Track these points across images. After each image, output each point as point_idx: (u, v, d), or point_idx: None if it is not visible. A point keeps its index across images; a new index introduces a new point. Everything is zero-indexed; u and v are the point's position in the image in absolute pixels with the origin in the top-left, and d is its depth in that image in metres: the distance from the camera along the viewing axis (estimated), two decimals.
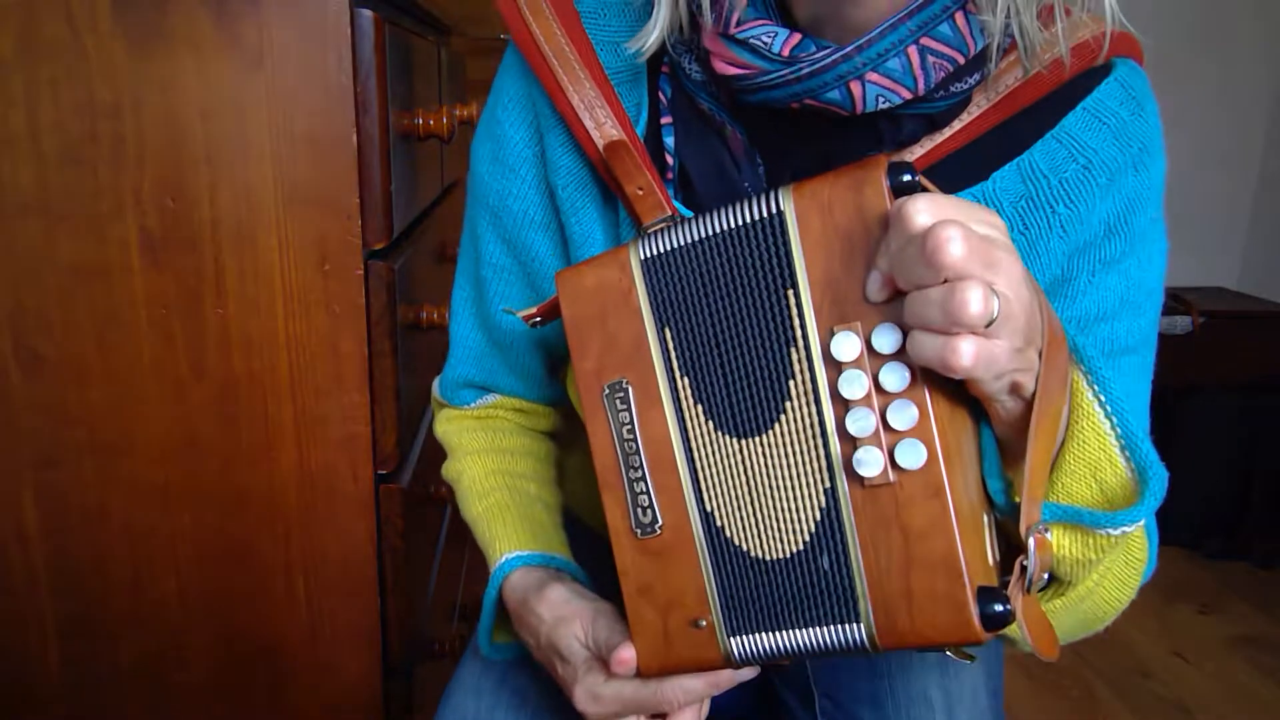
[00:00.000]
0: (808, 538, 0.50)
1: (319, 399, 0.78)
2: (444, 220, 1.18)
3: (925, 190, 0.46)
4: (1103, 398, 0.52)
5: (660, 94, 0.64)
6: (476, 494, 0.73)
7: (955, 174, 0.59)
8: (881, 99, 0.54)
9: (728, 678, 0.56)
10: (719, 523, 0.52)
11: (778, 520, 0.51)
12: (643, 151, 0.61)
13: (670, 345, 0.52)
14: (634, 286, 0.53)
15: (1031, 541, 0.48)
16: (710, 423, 0.52)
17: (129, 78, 0.71)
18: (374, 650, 0.84)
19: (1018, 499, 0.49)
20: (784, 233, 0.48)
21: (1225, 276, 2.80)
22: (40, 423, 0.77)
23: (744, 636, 0.53)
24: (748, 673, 0.57)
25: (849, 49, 0.53)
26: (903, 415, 0.46)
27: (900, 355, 0.46)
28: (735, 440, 0.51)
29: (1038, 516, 0.49)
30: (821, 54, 0.54)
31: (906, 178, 0.46)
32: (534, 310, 0.59)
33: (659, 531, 0.54)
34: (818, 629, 0.51)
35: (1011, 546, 0.54)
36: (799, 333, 0.49)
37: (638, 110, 0.63)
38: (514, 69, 0.68)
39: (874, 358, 0.47)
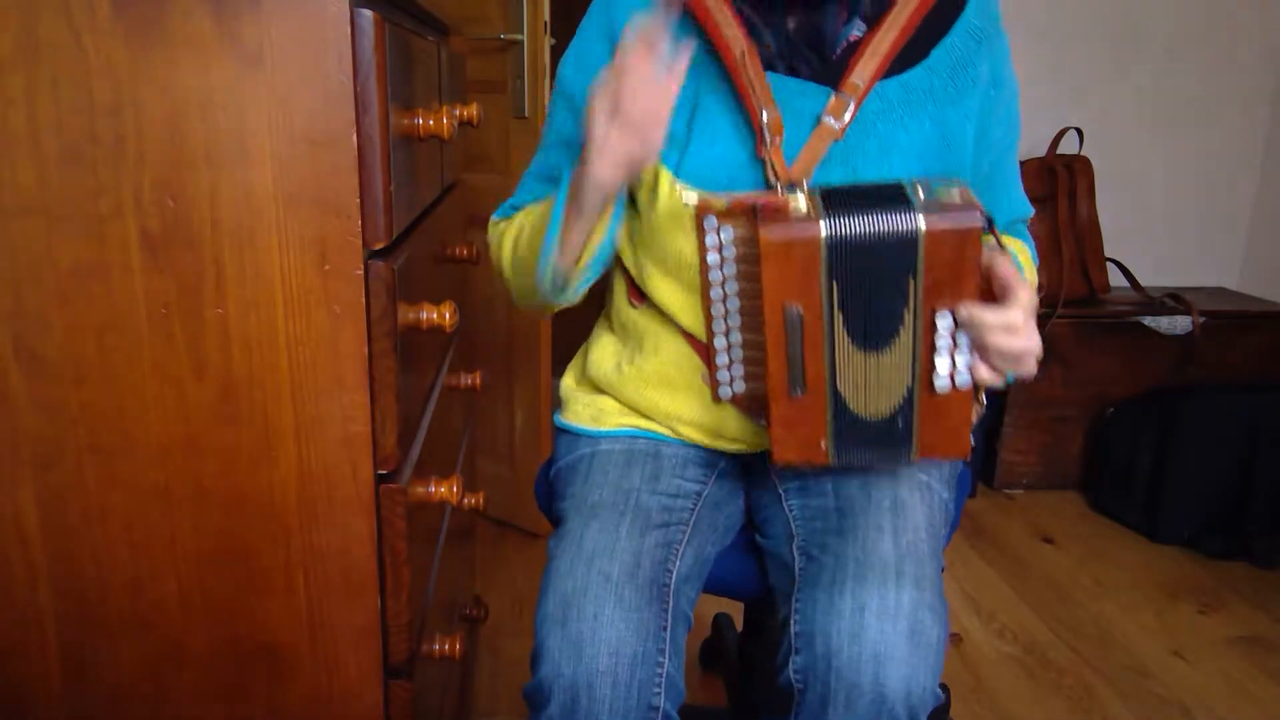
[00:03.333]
0: (892, 410, 0.89)
1: (319, 399, 0.78)
2: (444, 220, 1.18)
3: (994, 234, 0.85)
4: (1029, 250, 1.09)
5: None
6: (525, 224, 1.06)
7: (907, 56, 0.96)
8: None
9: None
10: (843, 395, 0.88)
11: (877, 397, 0.88)
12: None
13: (835, 292, 0.84)
14: (819, 255, 0.83)
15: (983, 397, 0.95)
16: (850, 340, 0.86)
17: (129, 78, 0.71)
18: (374, 650, 0.84)
19: None
20: (915, 248, 0.82)
21: (1225, 276, 2.80)
22: (40, 423, 0.77)
23: (842, 453, 0.91)
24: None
25: None
26: (965, 361, 0.87)
27: (966, 334, 0.85)
28: (861, 351, 0.87)
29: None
30: None
31: (988, 231, 0.82)
32: (702, 202, 0.89)
33: (804, 393, 0.88)
34: (886, 450, 0.91)
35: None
36: (912, 302, 0.84)
37: None
38: (598, 4, 1.02)
39: (954, 329, 0.85)
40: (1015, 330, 0.83)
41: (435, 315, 0.91)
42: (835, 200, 0.85)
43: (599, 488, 1.00)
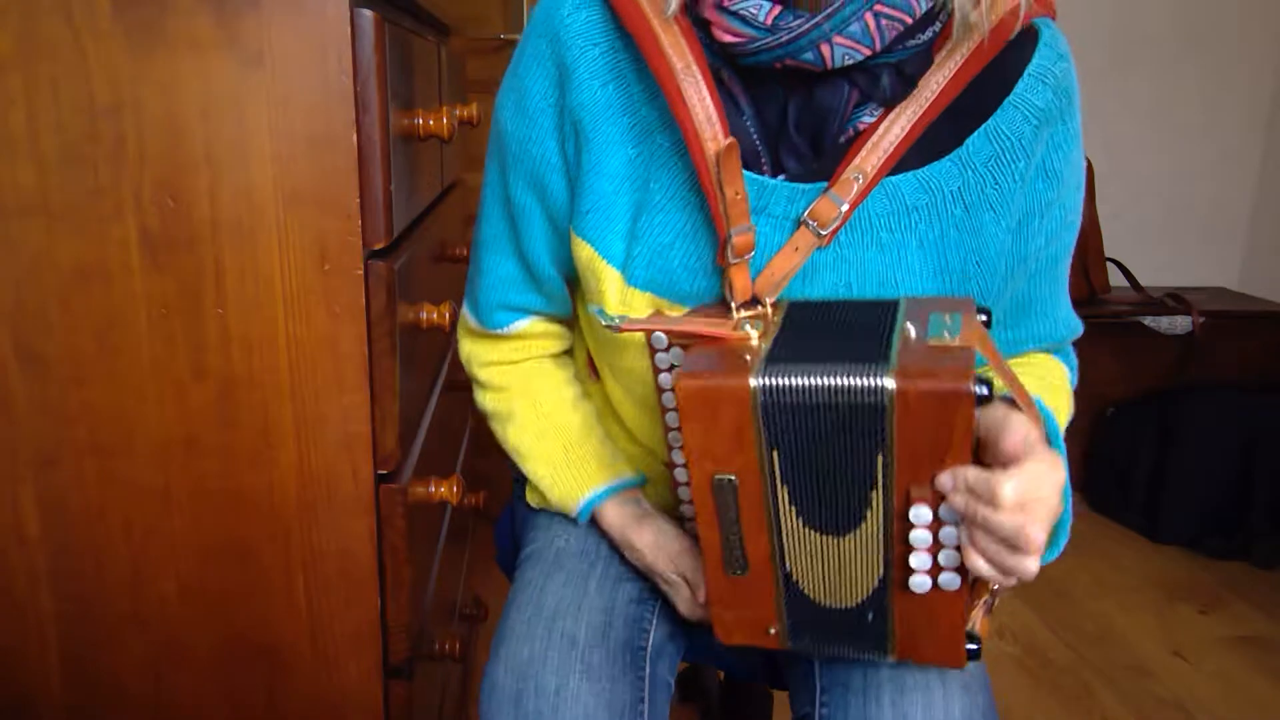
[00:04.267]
0: (860, 601, 0.69)
1: (319, 399, 0.78)
2: (444, 220, 1.18)
3: (995, 397, 0.65)
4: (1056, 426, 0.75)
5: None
6: (534, 433, 0.89)
7: (932, 145, 0.73)
8: (847, 56, 0.68)
9: None
10: (794, 578, 0.70)
11: (838, 587, 0.69)
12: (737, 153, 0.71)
13: (775, 463, 0.65)
14: (753, 415, 0.64)
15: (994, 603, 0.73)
16: (800, 519, 0.67)
17: (129, 78, 0.71)
18: (374, 650, 0.84)
19: None
20: (881, 417, 0.62)
21: (1225, 276, 2.80)
22: (40, 423, 0.77)
23: (800, 641, 0.73)
24: None
25: (819, 18, 0.67)
26: (950, 558, 0.65)
27: (952, 524, 0.64)
28: (816, 534, 0.67)
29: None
30: (797, 23, 0.67)
31: (985, 392, 0.60)
32: (626, 327, 0.72)
33: (745, 574, 0.70)
34: (856, 651, 0.72)
35: None
36: (880, 482, 0.64)
37: None
38: (538, 29, 0.78)
39: (935, 520, 0.64)
40: (1007, 508, 0.60)
41: (435, 315, 0.91)
42: (794, 330, 0.68)
43: (565, 533, 0.87)
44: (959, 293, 0.76)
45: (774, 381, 0.63)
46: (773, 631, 0.73)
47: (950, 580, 0.66)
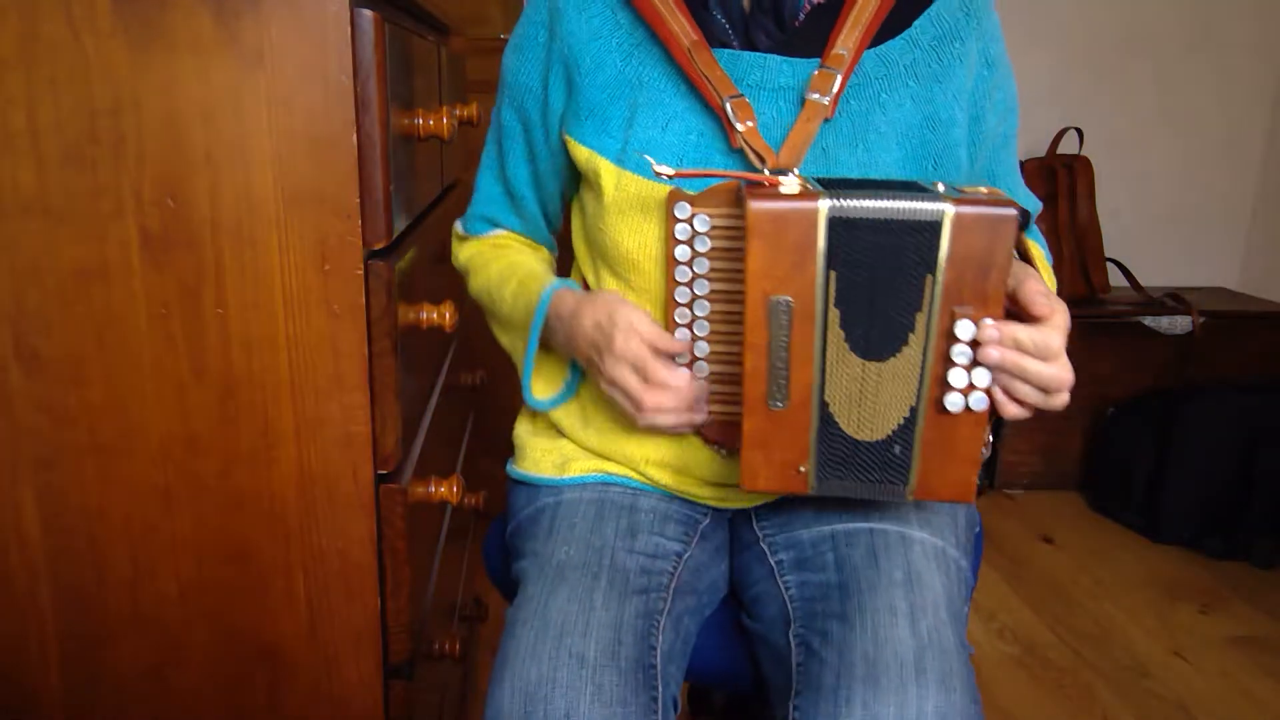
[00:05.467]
0: (889, 433, 0.75)
1: (319, 399, 0.78)
2: (444, 220, 1.18)
3: (1028, 226, 0.82)
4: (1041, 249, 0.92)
5: None
6: (501, 279, 0.97)
7: (884, 28, 0.85)
8: None
9: (697, 392, 0.82)
10: (831, 409, 0.75)
11: (872, 417, 0.75)
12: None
13: (832, 284, 0.71)
14: (817, 233, 0.70)
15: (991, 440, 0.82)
16: (846, 343, 0.73)
17: (129, 78, 0.71)
18: (374, 650, 0.84)
19: None
20: (937, 236, 0.70)
21: (1225, 276, 2.80)
22: (40, 423, 0.77)
23: (826, 482, 0.78)
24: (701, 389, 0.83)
25: None
26: (982, 377, 0.72)
27: (985, 345, 0.71)
28: (859, 360, 0.73)
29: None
30: None
31: (1023, 220, 0.72)
32: (673, 172, 0.78)
33: (785, 405, 0.74)
34: (879, 482, 0.77)
35: None
36: (927, 304, 0.71)
37: None
38: None
39: (974, 340, 0.72)
40: (1053, 356, 0.71)
41: (435, 315, 0.91)
42: (835, 185, 0.74)
43: (565, 544, 0.84)
44: (921, 158, 0.86)
45: (841, 203, 0.70)
46: (802, 469, 0.77)
47: (979, 400, 0.73)
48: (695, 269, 0.81)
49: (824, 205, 0.70)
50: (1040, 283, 0.75)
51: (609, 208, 0.87)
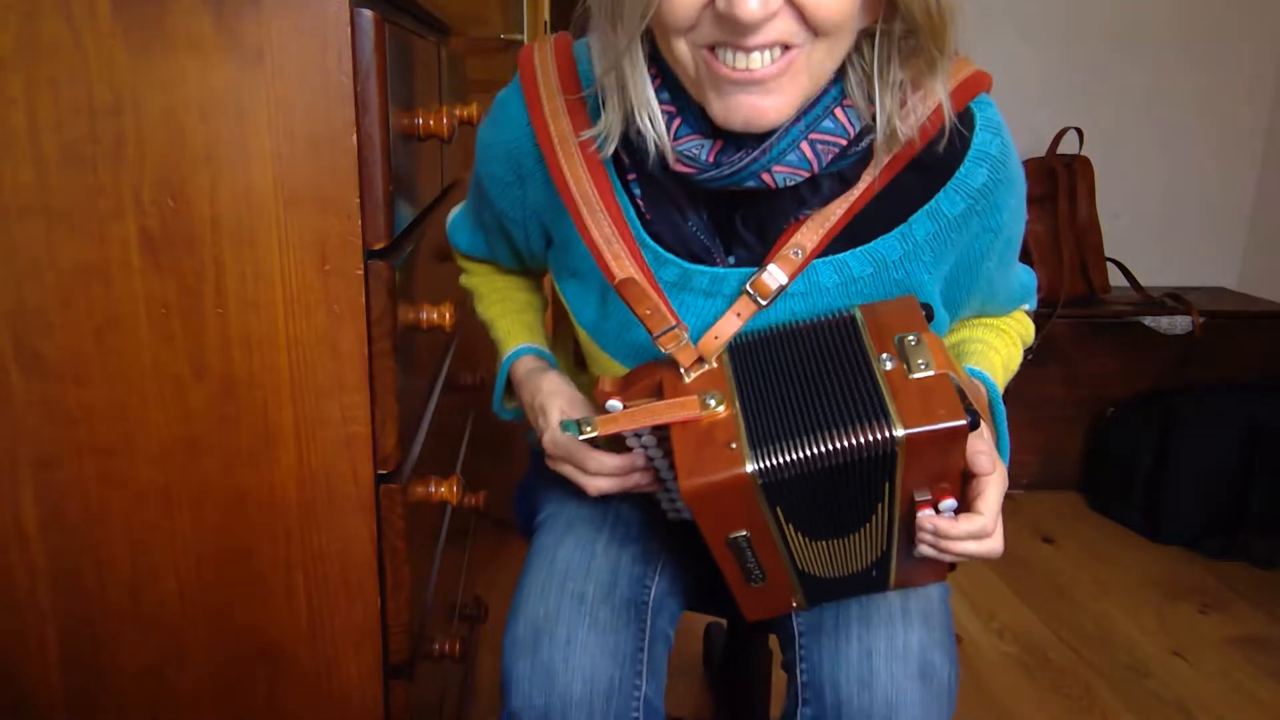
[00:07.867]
0: (866, 565, 0.81)
1: (319, 399, 0.78)
2: (444, 220, 1.18)
3: (979, 424, 0.72)
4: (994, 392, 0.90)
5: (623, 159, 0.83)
6: (492, 319, 1.03)
7: (876, 222, 0.81)
8: (789, 179, 0.75)
9: (637, 477, 0.85)
10: (807, 571, 0.81)
11: (846, 564, 0.81)
12: (652, 280, 0.80)
13: (781, 514, 0.75)
14: (755, 495, 0.72)
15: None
16: (805, 537, 0.77)
17: (129, 78, 0.71)
18: (374, 650, 0.85)
19: None
20: (893, 456, 0.70)
21: (1225, 276, 2.80)
22: (40, 423, 0.77)
23: (816, 602, 0.86)
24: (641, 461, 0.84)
25: (756, 152, 0.74)
26: (946, 509, 0.77)
27: (919, 544, 0.78)
28: (824, 542, 0.78)
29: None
30: (738, 157, 0.74)
31: (974, 420, 0.69)
32: (601, 433, 0.76)
33: (763, 583, 0.81)
34: (862, 590, 0.85)
35: None
36: (885, 498, 0.74)
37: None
38: (497, 131, 0.89)
39: (936, 512, 0.76)
40: (987, 535, 0.78)
41: (435, 315, 0.91)
42: (751, 388, 0.75)
43: (577, 497, 0.94)
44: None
45: (768, 463, 0.71)
46: (794, 604, 0.85)
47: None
48: (649, 454, 0.83)
49: (751, 469, 0.70)
50: (983, 439, 0.77)
51: (582, 342, 0.94)
